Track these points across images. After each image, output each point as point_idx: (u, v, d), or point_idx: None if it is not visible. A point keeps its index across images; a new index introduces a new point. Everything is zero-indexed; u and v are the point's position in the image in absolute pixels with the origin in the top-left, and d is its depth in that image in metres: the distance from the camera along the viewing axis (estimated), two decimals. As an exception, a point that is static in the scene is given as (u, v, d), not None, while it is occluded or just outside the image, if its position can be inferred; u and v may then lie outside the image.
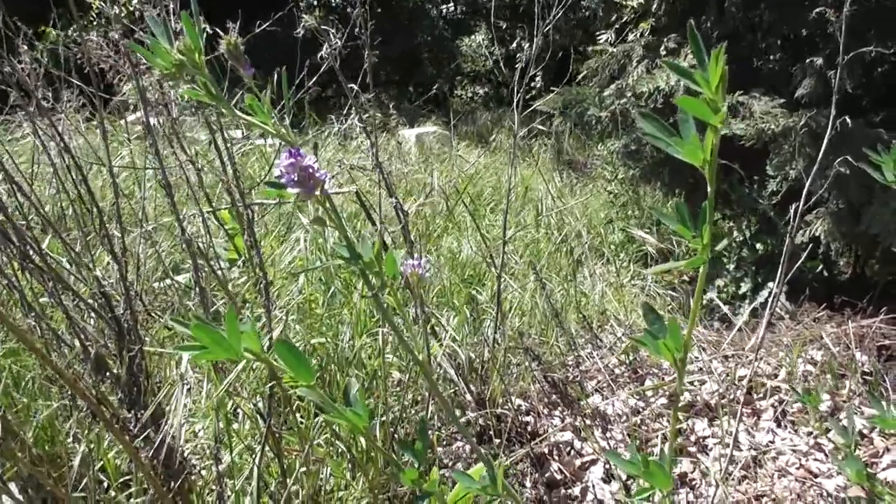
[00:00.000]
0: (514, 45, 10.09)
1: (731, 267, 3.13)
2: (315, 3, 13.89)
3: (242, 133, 3.69)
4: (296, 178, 0.50)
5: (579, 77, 3.49)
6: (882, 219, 2.45)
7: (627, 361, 2.47)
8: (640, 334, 2.00)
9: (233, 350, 0.49)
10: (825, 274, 3.08)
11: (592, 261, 3.77)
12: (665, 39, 3.30)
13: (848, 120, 2.76)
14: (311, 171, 0.51)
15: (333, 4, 11.39)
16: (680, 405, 2.25)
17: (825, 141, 1.51)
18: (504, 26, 10.51)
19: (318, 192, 0.52)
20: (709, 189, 0.55)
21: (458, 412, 1.87)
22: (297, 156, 0.50)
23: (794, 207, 1.80)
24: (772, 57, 3.44)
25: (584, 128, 3.46)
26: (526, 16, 10.40)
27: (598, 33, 3.78)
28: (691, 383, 2.39)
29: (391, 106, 7.54)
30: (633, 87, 3.14)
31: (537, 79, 10.72)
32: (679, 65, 0.60)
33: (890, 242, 2.49)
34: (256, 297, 1.76)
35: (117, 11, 1.21)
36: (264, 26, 2.13)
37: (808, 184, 1.47)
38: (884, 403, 0.98)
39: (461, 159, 5.01)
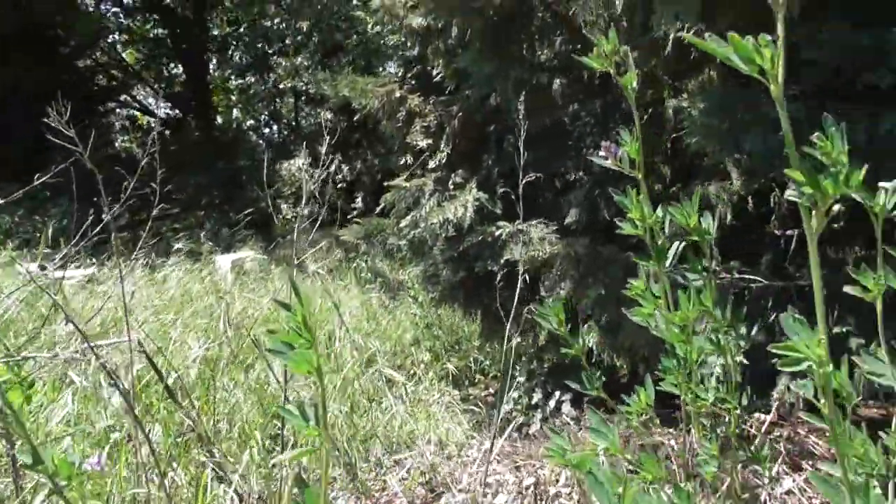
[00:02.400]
0: (334, 167, 10.49)
1: (523, 379, 3.40)
2: (128, 124, 13.65)
3: (39, 266, 3.52)
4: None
5: (378, 209, 3.75)
6: (631, 332, 2.84)
7: (425, 482, 2.58)
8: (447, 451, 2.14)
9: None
10: (604, 380, 3.42)
11: (401, 381, 3.91)
12: (453, 175, 3.67)
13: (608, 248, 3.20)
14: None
15: (145, 127, 11.25)
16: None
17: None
18: (322, 150, 10.91)
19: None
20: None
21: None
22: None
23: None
24: (547, 190, 3.93)
25: (387, 255, 3.68)
26: (342, 141, 10.90)
27: (399, 160, 4.12)
28: (485, 495, 2.54)
29: (203, 234, 7.46)
30: (426, 219, 3.42)
31: (358, 200, 11.14)
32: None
33: (644, 353, 2.87)
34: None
35: None
36: (58, 168, 2.13)
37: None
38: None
39: (275, 284, 5.06)
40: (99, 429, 1.83)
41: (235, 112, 15.42)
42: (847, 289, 0.89)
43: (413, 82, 4.34)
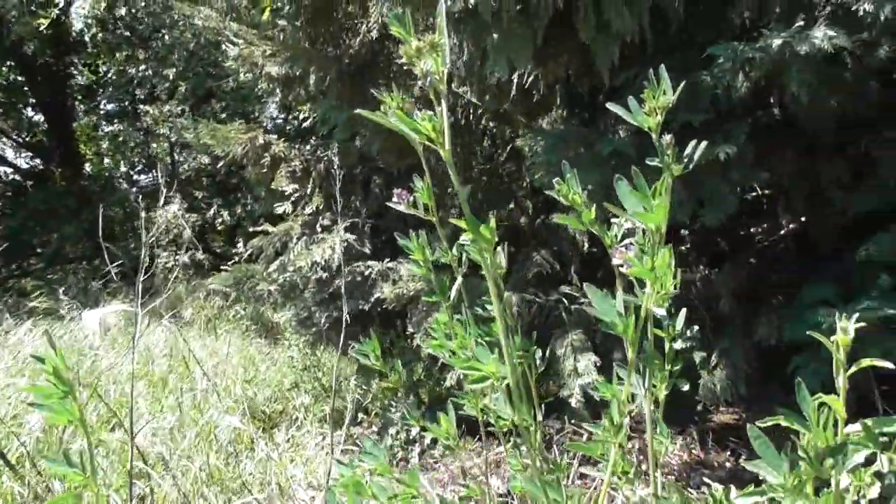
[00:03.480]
0: (212, 213, 10.24)
1: (399, 414, 3.45)
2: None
3: None
4: None
5: (245, 255, 3.74)
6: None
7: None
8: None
9: None
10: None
11: (281, 425, 3.87)
12: (321, 218, 3.71)
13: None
14: None
15: (4, 180, 10.62)
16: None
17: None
18: (200, 195, 10.64)
19: None
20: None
21: None
22: None
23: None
24: (418, 227, 4.05)
25: (258, 301, 3.66)
26: (222, 185, 10.68)
27: (276, 205, 4.14)
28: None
29: (62, 290, 7.08)
30: (294, 262, 3.44)
31: (239, 245, 10.89)
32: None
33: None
34: None
35: None
36: None
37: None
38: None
39: (147, 338, 4.88)
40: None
41: (106, 160, 14.76)
42: (594, 313, 1.01)
43: (294, 123, 4.38)
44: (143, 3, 7.85)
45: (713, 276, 3.54)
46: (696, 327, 3.31)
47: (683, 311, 0.95)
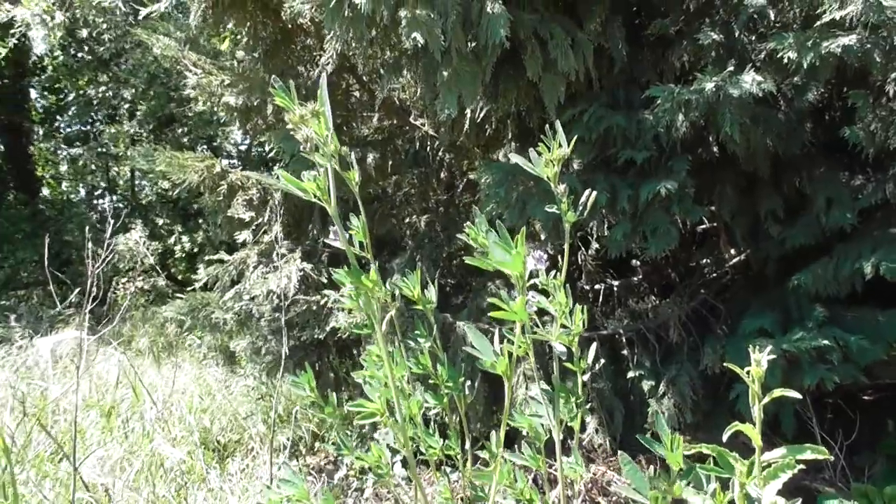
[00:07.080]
0: (173, 239, 10.13)
1: (355, 444, 3.45)
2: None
3: None
4: None
5: (199, 284, 3.73)
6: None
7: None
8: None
9: None
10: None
11: (237, 455, 3.83)
12: (278, 246, 3.72)
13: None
14: None
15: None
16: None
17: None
18: (160, 222, 10.53)
19: None
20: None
21: None
22: None
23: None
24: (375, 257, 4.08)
25: (214, 329, 3.64)
26: (183, 211, 10.59)
27: (235, 233, 4.15)
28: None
29: (14, 317, 6.93)
30: (250, 291, 3.44)
31: (200, 272, 10.77)
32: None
33: (478, 410, 3.06)
34: None
35: None
36: None
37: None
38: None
39: (101, 367, 4.81)
40: None
41: (65, 184, 14.54)
42: (473, 352, 1.05)
43: (259, 150, 4.40)
44: (104, 25, 7.82)
45: (662, 306, 3.63)
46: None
47: (594, 346, 1.01)
